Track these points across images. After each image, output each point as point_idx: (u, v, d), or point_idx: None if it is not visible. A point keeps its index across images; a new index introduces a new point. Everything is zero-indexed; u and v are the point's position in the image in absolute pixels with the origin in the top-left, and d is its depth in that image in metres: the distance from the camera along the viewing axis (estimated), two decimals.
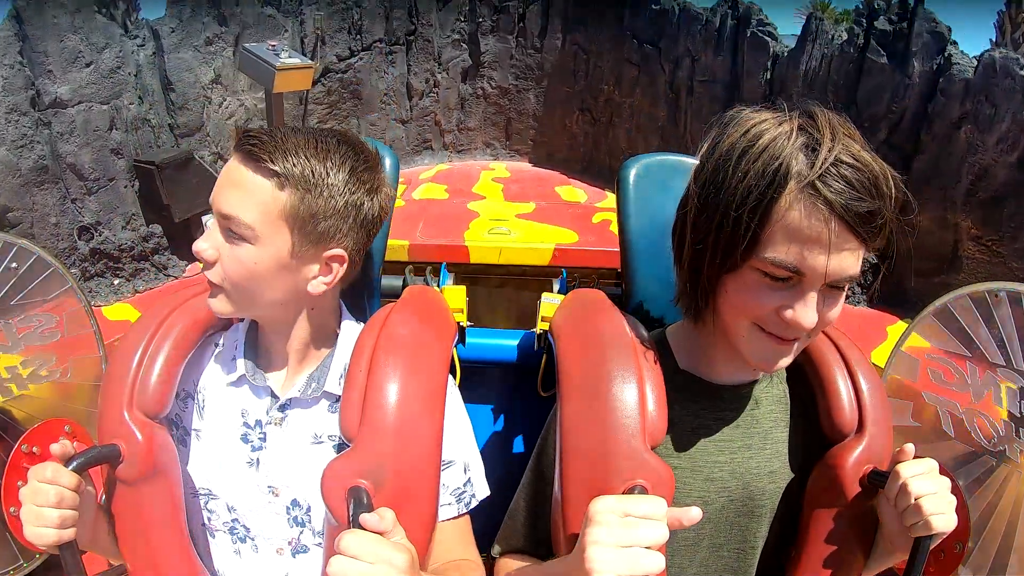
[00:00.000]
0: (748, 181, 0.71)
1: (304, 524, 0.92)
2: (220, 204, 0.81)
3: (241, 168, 0.81)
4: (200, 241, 0.82)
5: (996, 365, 1.16)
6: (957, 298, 1.21)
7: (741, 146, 0.73)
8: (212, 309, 0.86)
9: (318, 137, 0.84)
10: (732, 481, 0.88)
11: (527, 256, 2.66)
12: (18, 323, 1.26)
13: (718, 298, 0.79)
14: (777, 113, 0.75)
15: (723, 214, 0.73)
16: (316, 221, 0.83)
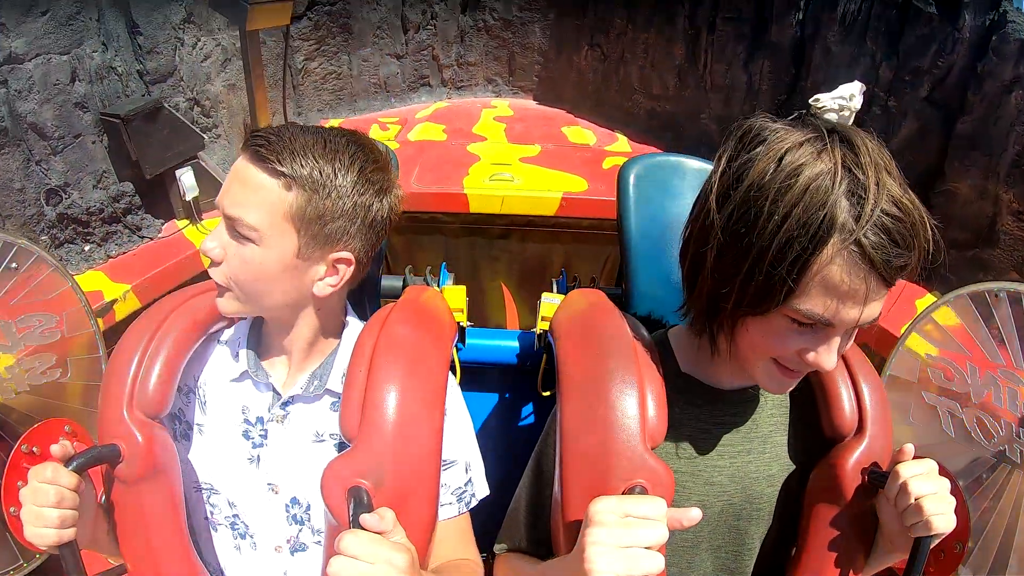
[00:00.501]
0: (788, 230, 0.65)
1: (303, 523, 0.92)
2: (226, 204, 0.81)
3: (248, 167, 0.80)
4: (207, 240, 0.82)
5: (996, 365, 1.16)
6: (957, 298, 1.21)
7: (777, 182, 0.66)
8: (219, 309, 0.86)
9: (327, 137, 0.84)
10: (731, 485, 0.88)
11: (532, 205, 2.44)
12: (18, 323, 1.26)
13: (737, 333, 0.77)
14: (808, 133, 0.68)
15: (756, 260, 0.68)
16: (323, 222, 0.82)
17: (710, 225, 0.72)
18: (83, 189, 1.96)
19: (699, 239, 0.75)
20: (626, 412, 0.75)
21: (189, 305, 0.92)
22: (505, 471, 1.02)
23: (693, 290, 0.79)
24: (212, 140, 2.56)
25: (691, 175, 1.15)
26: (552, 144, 2.93)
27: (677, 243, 0.83)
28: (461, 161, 2.65)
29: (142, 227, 2.12)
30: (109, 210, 2.01)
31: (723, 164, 0.73)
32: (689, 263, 0.78)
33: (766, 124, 0.72)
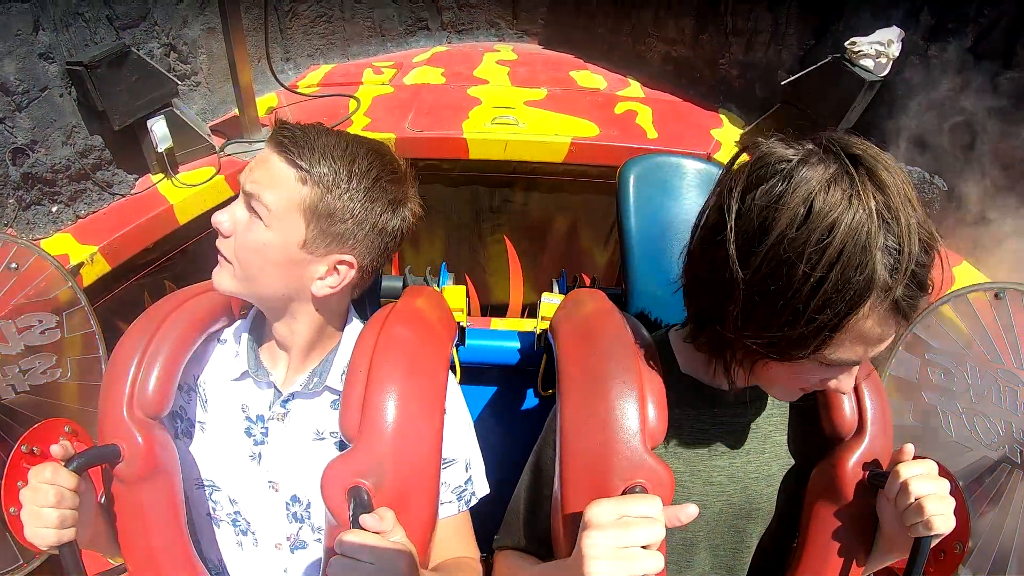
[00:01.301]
0: (825, 292, 0.63)
1: (303, 520, 0.92)
2: (246, 182, 0.84)
3: (271, 156, 0.84)
4: (220, 212, 0.85)
5: (996, 365, 1.16)
6: (957, 298, 1.21)
7: (812, 241, 0.62)
8: (214, 283, 0.87)
9: (349, 141, 0.86)
10: (731, 485, 0.88)
11: (538, 151, 2.20)
12: (18, 323, 1.26)
13: (757, 367, 0.76)
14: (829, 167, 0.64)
15: (790, 320, 0.66)
16: (333, 221, 0.84)
17: (731, 279, 0.68)
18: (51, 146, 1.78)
19: (718, 286, 0.71)
20: (626, 412, 0.75)
21: (189, 305, 0.92)
22: (505, 471, 1.02)
23: (705, 326, 0.78)
24: (191, 88, 2.36)
25: (691, 175, 1.15)
26: (560, 88, 2.68)
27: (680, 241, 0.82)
28: (461, 104, 2.44)
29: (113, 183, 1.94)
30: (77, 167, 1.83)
31: (737, 203, 0.68)
32: (703, 304, 0.76)
33: (783, 153, 0.67)
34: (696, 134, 2.26)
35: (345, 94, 2.60)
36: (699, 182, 1.15)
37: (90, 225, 1.81)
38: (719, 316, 0.72)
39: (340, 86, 2.72)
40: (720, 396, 0.89)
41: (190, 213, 1.95)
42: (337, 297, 0.91)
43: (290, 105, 2.50)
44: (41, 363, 1.29)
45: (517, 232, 2.54)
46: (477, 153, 2.23)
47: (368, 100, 2.53)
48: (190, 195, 1.95)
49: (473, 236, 2.58)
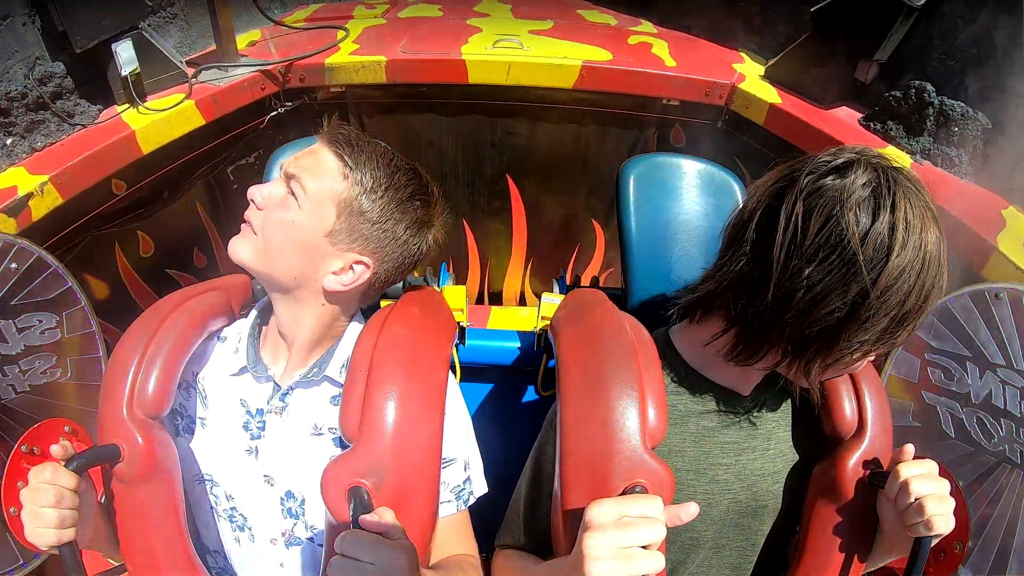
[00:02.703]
0: (925, 291, 0.74)
1: (298, 516, 0.92)
2: (290, 166, 0.89)
3: (323, 148, 0.89)
4: (259, 187, 0.89)
5: (996, 365, 1.15)
6: (957, 298, 1.20)
7: (920, 262, 0.72)
8: (232, 249, 0.89)
9: (394, 156, 0.92)
10: (737, 483, 0.88)
11: (545, 75, 2.01)
12: (18, 323, 1.26)
13: (831, 367, 0.79)
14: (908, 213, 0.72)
15: (903, 315, 0.74)
16: (361, 220, 0.88)
17: (862, 293, 0.72)
18: (14, 77, 1.63)
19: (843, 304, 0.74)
20: (626, 412, 0.76)
21: (189, 305, 0.92)
22: (505, 470, 1.03)
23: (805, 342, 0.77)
24: (166, 21, 2.14)
25: (691, 175, 1.15)
26: (567, 21, 2.46)
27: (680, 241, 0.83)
28: (460, 32, 2.23)
29: (75, 114, 1.74)
30: (34, 95, 1.65)
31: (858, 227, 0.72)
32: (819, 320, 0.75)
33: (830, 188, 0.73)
34: (717, 65, 2.09)
35: (333, 25, 2.35)
36: (699, 182, 1.15)
37: (45, 157, 1.61)
38: (828, 332, 0.75)
39: (329, 20, 2.47)
40: (725, 393, 0.89)
41: (154, 141, 1.74)
42: (345, 297, 0.92)
43: (273, 38, 2.26)
44: (41, 363, 1.29)
45: (521, 170, 2.32)
46: (477, 77, 2.02)
47: (358, 31, 2.31)
48: (155, 120, 1.74)
49: (472, 174, 2.36)
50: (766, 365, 0.82)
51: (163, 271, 1.96)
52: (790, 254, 0.73)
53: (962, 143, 1.56)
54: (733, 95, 1.98)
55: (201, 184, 2.04)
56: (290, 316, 0.92)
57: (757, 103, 1.91)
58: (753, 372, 0.86)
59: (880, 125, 1.71)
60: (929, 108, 1.61)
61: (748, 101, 1.94)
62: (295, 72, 2.02)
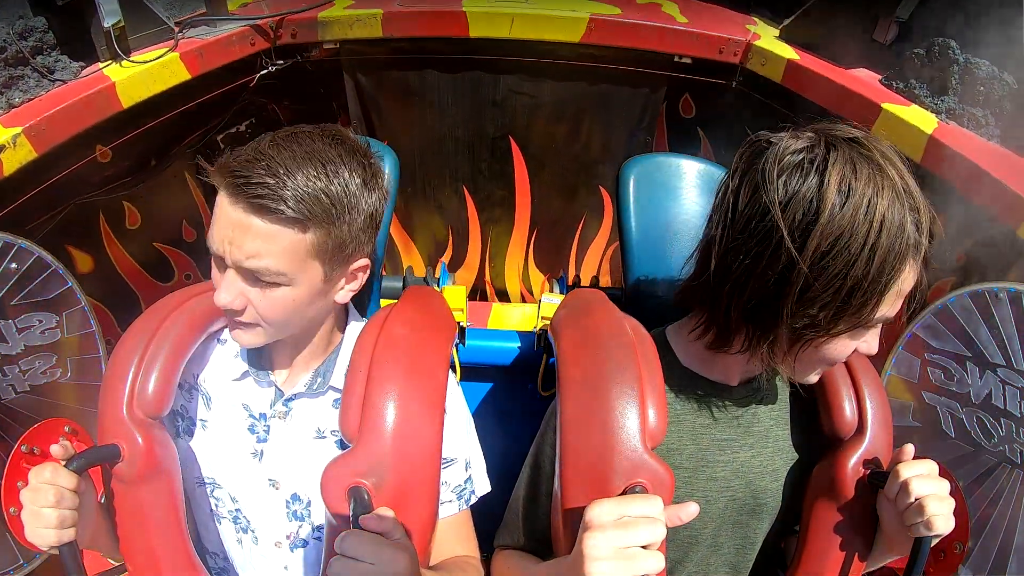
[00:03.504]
0: (881, 256, 0.70)
1: (303, 519, 0.92)
2: (238, 256, 0.76)
3: (251, 218, 0.74)
4: (222, 294, 0.78)
5: (996, 365, 1.15)
6: (957, 298, 1.20)
7: (860, 213, 0.70)
8: (240, 342, 0.85)
9: (318, 153, 0.78)
10: (735, 480, 0.89)
11: (551, 28, 1.91)
12: (18, 323, 1.26)
13: (801, 351, 0.78)
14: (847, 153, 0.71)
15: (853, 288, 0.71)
16: (343, 247, 0.82)
17: (788, 263, 0.72)
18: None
19: (770, 278, 0.74)
20: (626, 413, 0.76)
21: (189, 305, 0.92)
22: (506, 471, 1.03)
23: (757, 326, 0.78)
24: None
25: (691, 175, 1.15)
26: None
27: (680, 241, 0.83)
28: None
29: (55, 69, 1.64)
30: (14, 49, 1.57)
31: (777, 194, 0.72)
32: (755, 293, 0.76)
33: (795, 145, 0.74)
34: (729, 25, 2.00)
35: None
36: (699, 182, 1.15)
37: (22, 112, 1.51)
38: (769, 305, 0.75)
39: None
40: (721, 390, 0.89)
41: (135, 95, 1.61)
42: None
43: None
44: (41, 363, 1.29)
45: (524, 131, 2.18)
46: (479, 30, 1.90)
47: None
48: (136, 73, 1.62)
49: (473, 136, 2.20)
50: (740, 350, 0.82)
51: (150, 245, 1.84)
52: (725, 227, 0.76)
53: (988, 104, 1.51)
54: (748, 52, 1.88)
55: (190, 153, 1.92)
56: (293, 339, 0.92)
57: (774, 59, 1.80)
58: (736, 362, 0.87)
59: (903, 84, 1.63)
60: (954, 66, 1.54)
61: (764, 58, 1.83)
62: (287, 27, 1.89)
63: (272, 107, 2.10)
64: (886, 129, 1.46)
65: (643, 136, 2.16)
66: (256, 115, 2.08)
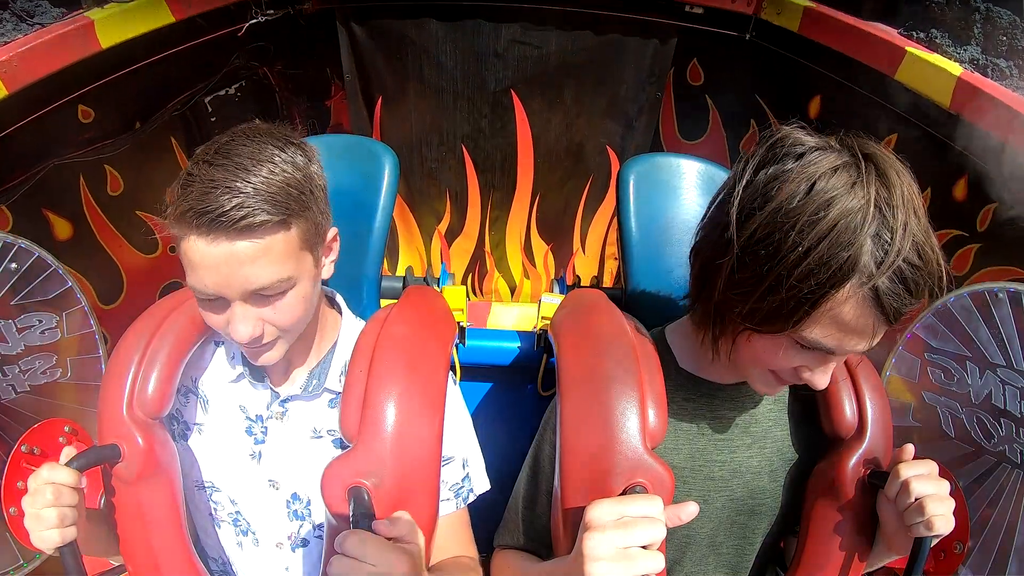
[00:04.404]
0: (810, 264, 0.65)
1: (304, 518, 0.92)
2: (242, 289, 0.76)
3: (238, 244, 0.73)
4: (241, 329, 0.77)
5: (996, 365, 1.15)
6: (957, 298, 1.20)
7: (807, 213, 0.65)
8: (268, 362, 0.85)
9: (256, 154, 0.76)
10: (733, 480, 0.89)
11: None
12: (18, 323, 1.26)
13: (739, 341, 0.78)
14: (841, 156, 0.67)
15: (772, 286, 0.68)
16: (318, 226, 0.84)
17: (729, 238, 0.71)
18: None
19: (716, 247, 0.75)
20: (626, 413, 0.76)
21: (188, 306, 0.92)
22: (506, 471, 1.03)
23: (701, 293, 0.80)
24: None
25: (691, 175, 1.15)
26: None
27: (680, 241, 0.83)
28: None
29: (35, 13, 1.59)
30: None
31: (749, 174, 0.72)
32: (700, 266, 0.79)
33: (800, 138, 0.70)
34: None
35: None
36: (699, 182, 1.15)
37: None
38: (712, 279, 0.75)
39: None
40: (718, 390, 0.89)
41: (115, 35, 1.51)
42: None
43: None
44: (41, 363, 1.29)
45: (527, 85, 2.06)
46: None
47: None
48: (117, 11, 1.51)
49: (472, 90, 2.08)
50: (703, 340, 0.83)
51: (132, 213, 1.73)
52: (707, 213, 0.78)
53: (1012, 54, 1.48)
54: (763, 1, 1.81)
55: (177, 116, 1.82)
56: None
57: (790, 7, 1.72)
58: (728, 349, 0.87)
59: (924, 34, 1.58)
60: (975, 15, 1.51)
61: (780, 7, 1.76)
62: None
63: (263, 70, 2.02)
64: (912, 74, 1.37)
65: (652, 91, 2.05)
66: (247, 79, 2.00)
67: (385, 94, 2.07)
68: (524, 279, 2.49)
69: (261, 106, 2.09)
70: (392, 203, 1.10)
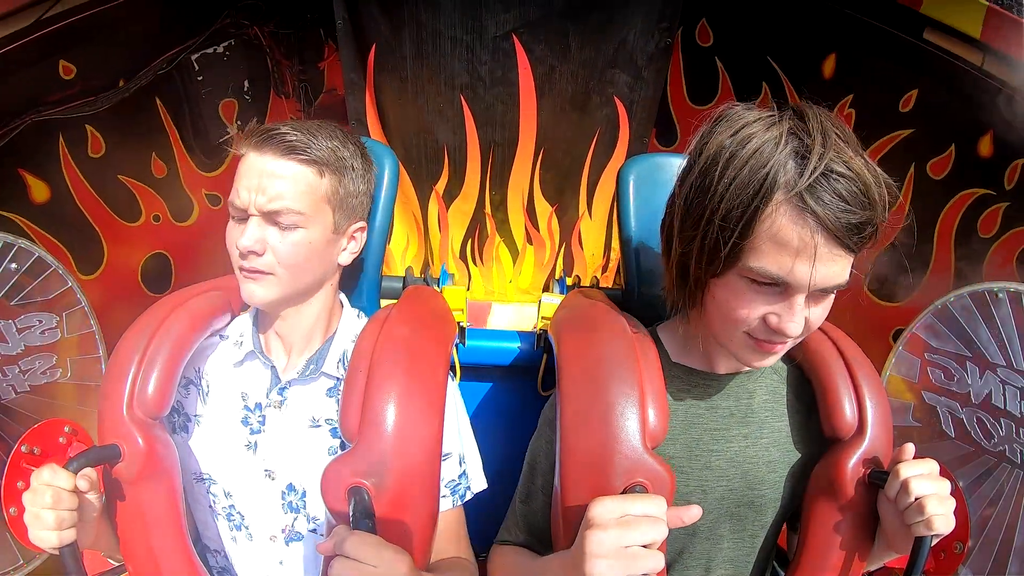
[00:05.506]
0: (734, 189, 0.70)
1: (298, 510, 0.93)
2: (262, 201, 0.85)
3: (279, 162, 0.86)
4: (244, 239, 0.85)
5: (996, 365, 1.16)
6: (957, 298, 1.21)
7: (729, 150, 0.71)
8: (253, 297, 0.89)
9: (326, 127, 0.92)
10: (731, 470, 0.89)
11: None
12: (18, 323, 1.26)
13: (705, 300, 0.79)
14: (769, 113, 0.73)
15: (708, 221, 0.73)
16: (350, 199, 0.92)
17: (675, 196, 0.80)
18: None
19: (669, 210, 0.82)
20: (626, 413, 0.76)
21: (189, 305, 0.92)
22: (506, 471, 1.03)
23: (668, 261, 0.83)
24: None
25: None
26: None
27: None
28: None
29: None
30: None
31: (693, 144, 0.78)
32: (664, 237, 0.85)
33: (734, 107, 0.76)
34: None
35: None
36: None
37: None
38: (670, 240, 0.81)
39: None
40: (712, 379, 0.89)
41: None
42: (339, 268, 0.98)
43: None
44: (41, 363, 1.29)
45: (530, 29, 1.92)
46: None
47: None
48: None
49: (471, 36, 1.96)
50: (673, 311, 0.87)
51: (115, 177, 1.67)
52: None
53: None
54: None
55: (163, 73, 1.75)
56: (297, 314, 0.94)
57: None
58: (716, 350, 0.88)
59: None
60: None
61: None
62: None
63: (254, 30, 1.99)
64: (938, 3, 1.32)
65: (663, 38, 1.95)
66: (236, 38, 1.96)
67: (379, 41, 1.95)
68: (527, 244, 2.38)
69: (251, 66, 2.04)
70: (392, 203, 1.10)
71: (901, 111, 1.47)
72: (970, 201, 1.33)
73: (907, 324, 1.28)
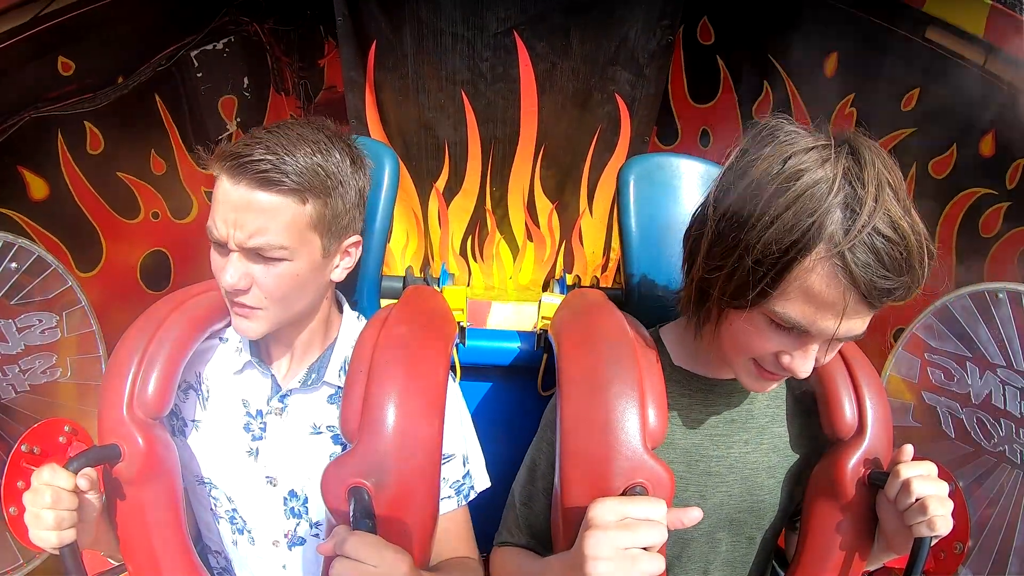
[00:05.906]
0: (774, 232, 0.66)
1: (301, 516, 0.93)
2: (241, 237, 0.79)
3: (254, 194, 0.78)
4: (228, 277, 0.80)
5: (996, 365, 1.15)
6: (957, 298, 1.21)
7: (775, 183, 0.66)
8: (246, 333, 0.86)
9: (309, 136, 0.83)
10: (730, 475, 0.89)
11: None
12: (18, 322, 1.26)
13: (720, 325, 0.78)
14: (819, 140, 0.69)
15: (741, 256, 0.69)
16: (338, 219, 0.85)
17: (708, 216, 0.74)
18: None
19: (699, 226, 0.78)
20: (626, 414, 0.76)
21: (189, 305, 0.92)
22: (507, 471, 1.03)
23: (688, 274, 0.82)
24: None
25: (691, 175, 1.15)
26: None
27: (680, 241, 0.83)
28: None
29: None
30: None
31: (732, 159, 0.74)
32: (688, 249, 0.82)
33: (782, 125, 0.72)
34: None
35: None
36: (699, 182, 1.14)
37: None
38: (694, 258, 0.78)
39: None
40: (713, 385, 0.89)
41: None
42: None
43: None
44: (41, 363, 1.29)
45: (532, 25, 1.93)
46: None
47: None
48: None
49: (472, 31, 1.96)
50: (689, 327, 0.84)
51: (114, 174, 1.66)
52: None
53: None
54: None
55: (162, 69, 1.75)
56: (293, 329, 0.93)
57: None
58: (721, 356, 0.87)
59: None
60: None
61: None
62: None
63: (254, 27, 1.97)
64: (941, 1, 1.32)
65: (664, 36, 1.96)
66: (236, 35, 1.95)
67: (379, 38, 1.95)
68: (527, 241, 2.37)
69: (251, 64, 2.03)
70: (392, 203, 1.10)
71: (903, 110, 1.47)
72: (971, 201, 1.33)
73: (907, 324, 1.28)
